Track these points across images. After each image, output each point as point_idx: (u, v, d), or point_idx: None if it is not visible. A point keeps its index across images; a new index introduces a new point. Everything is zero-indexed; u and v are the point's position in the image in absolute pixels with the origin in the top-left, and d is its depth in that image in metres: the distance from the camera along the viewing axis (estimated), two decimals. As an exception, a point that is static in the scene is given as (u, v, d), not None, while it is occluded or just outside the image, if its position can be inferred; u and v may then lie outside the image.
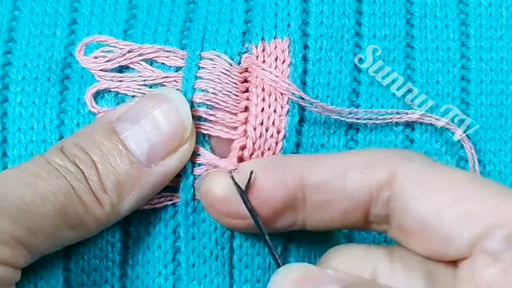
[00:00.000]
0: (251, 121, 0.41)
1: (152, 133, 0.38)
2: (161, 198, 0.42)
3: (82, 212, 0.37)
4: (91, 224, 0.37)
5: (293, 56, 0.42)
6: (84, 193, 0.37)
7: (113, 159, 0.38)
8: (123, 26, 0.43)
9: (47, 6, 0.44)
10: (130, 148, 0.38)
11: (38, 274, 0.41)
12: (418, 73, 0.44)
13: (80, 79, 0.42)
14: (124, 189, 0.38)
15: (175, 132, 0.39)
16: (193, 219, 0.42)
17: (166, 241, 0.42)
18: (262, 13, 0.43)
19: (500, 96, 0.44)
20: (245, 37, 0.43)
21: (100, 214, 0.37)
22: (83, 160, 0.37)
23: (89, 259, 0.42)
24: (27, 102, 0.42)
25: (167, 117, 0.39)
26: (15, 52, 0.43)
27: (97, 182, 0.37)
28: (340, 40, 0.43)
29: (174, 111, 0.39)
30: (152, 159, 0.38)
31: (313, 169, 0.37)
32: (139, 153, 0.38)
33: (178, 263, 0.42)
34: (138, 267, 0.42)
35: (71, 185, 0.36)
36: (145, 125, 0.38)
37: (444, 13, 0.44)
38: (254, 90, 0.41)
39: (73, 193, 0.36)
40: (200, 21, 0.43)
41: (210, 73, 0.41)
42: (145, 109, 0.39)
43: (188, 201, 0.41)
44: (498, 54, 0.44)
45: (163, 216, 0.42)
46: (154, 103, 0.39)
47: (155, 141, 0.38)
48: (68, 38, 0.43)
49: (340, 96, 0.43)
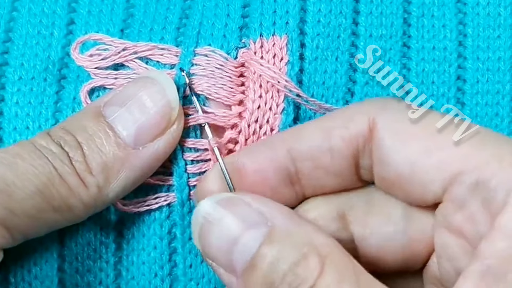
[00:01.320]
0: (246, 117, 0.41)
1: (139, 115, 0.38)
2: (156, 198, 0.41)
3: (66, 194, 0.36)
4: (77, 207, 0.37)
5: (291, 54, 0.42)
6: (68, 174, 0.36)
7: (99, 141, 0.38)
8: (120, 25, 0.43)
9: (45, 6, 0.44)
10: (117, 130, 0.38)
11: (33, 273, 0.41)
12: (414, 73, 0.44)
13: (76, 79, 0.43)
14: (111, 171, 0.37)
15: (162, 114, 0.39)
16: (189, 219, 0.41)
17: (162, 242, 0.42)
18: (260, 8, 0.43)
19: (496, 96, 0.44)
20: (242, 32, 0.43)
21: (86, 197, 0.37)
22: (68, 142, 0.37)
23: (83, 260, 0.41)
24: (23, 102, 0.42)
25: (154, 99, 0.38)
26: (12, 52, 0.43)
27: (82, 163, 0.37)
28: (337, 39, 0.43)
29: (161, 92, 0.39)
30: (140, 141, 0.38)
31: (298, 140, 0.37)
32: (126, 135, 0.38)
33: (174, 264, 0.42)
34: (133, 268, 0.42)
35: (54, 166, 0.36)
36: (132, 107, 0.38)
37: (441, 12, 0.44)
38: (252, 85, 0.41)
39: (56, 174, 0.36)
40: (196, 17, 0.43)
41: (203, 69, 0.41)
42: (131, 92, 0.39)
43: (184, 201, 0.41)
44: (496, 54, 0.44)
45: (158, 216, 0.42)
46: (141, 85, 0.39)
47: (142, 123, 0.38)
48: (65, 38, 0.43)
49: (335, 96, 0.43)
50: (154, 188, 0.42)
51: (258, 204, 0.35)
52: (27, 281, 0.40)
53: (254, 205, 0.35)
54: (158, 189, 0.42)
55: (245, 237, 0.34)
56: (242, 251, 0.33)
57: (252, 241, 0.33)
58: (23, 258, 0.41)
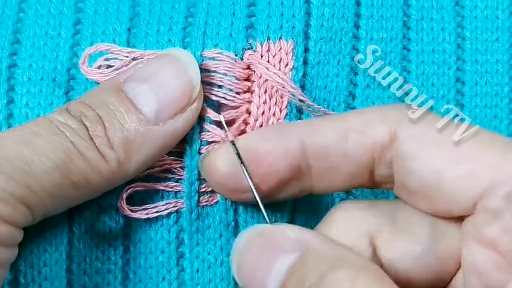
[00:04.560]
0: (251, 123, 0.42)
1: (160, 92, 0.38)
2: (166, 204, 0.42)
3: (85, 168, 0.36)
4: (96, 182, 0.36)
5: (296, 59, 0.42)
6: (86, 149, 0.36)
7: (121, 116, 0.37)
8: (126, 24, 0.43)
9: (51, 7, 0.43)
10: (138, 105, 0.37)
11: (43, 274, 0.41)
12: (414, 75, 0.44)
13: (85, 79, 0.42)
14: (132, 147, 0.37)
15: (184, 91, 0.38)
16: (197, 225, 0.42)
17: (170, 246, 0.42)
18: (267, 10, 0.42)
19: (495, 98, 0.44)
20: (248, 32, 0.42)
21: (105, 171, 0.36)
22: (89, 117, 0.37)
23: (91, 261, 0.42)
24: (33, 103, 0.42)
25: (176, 76, 0.38)
26: (21, 53, 0.42)
27: (103, 138, 0.36)
28: (339, 43, 0.43)
29: (183, 69, 0.38)
30: (161, 118, 0.37)
31: (313, 135, 0.37)
32: (147, 110, 0.37)
33: (182, 268, 0.42)
34: (140, 271, 0.42)
35: (71, 141, 0.36)
36: (153, 84, 0.38)
37: (440, 15, 0.45)
38: (257, 90, 0.42)
39: (74, 149, 0.36)
40: (201, 15, 0.42)
41: (212, 78, 0.41)
42: (153, 68, 0.38)
43: (193, 207, 0.41)
44: (494, 56, 0.44)
45: (166, 221, 0.42)
46: (162, 62, 0.39)
47: (163, 100, 0.38)
48: (73, 38, 0.43)
49: (337, 99, 0.43)
50: (162, 195, 0.42)
51: (293, 233, 0.35)
52: (37, 282, 0.40)
53: (290, 233, 0.35)
54: (166, 196, 0.42)
55: (278, 261, 0.34)
56: (274, 276, 0.34)
57: (285, 264, 0.33)
58: (33, 258, 0.41)
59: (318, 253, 0.34)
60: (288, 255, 0.34)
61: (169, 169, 0.42)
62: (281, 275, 0.33)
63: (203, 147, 0.41)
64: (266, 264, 0.34)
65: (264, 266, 0.34)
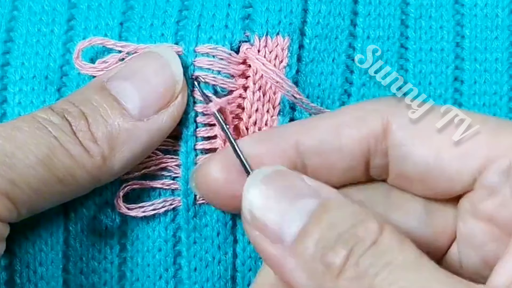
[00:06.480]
0: (244, 119, 0.41)
1: (143, 88, 0.38)
2: (162, 202, 0.42)
3: (70, 163, 0.36)
4: (82, 178, 0.37)
5: (290, 56, 0.42)
6: (69, 143, 0.36)
7: (104, 111, 0.38)
8: (119, 18, 0.43)
9: (44, 4, 0.43)
10: (122, 102, 0.38)
11: (38, 274, 0.41)
12: (411, 74, 0.44)
13: (77, 76, 0.42)
14: (116, 141, 0.37)
15: (166, 87, 0.39)
16: (194, 224, 0.42)
17: (167, 244, 0.42)
18: (266, 3, 0.42)
19: (494, 97, 0.44)
20: (244, 23, 0.42)
21: (90, 166, 0.37)
22: (72, 113, 0.37)
23: (87, 260, 0.42)
24: (25, 102, 0.42)
25: (158, 72, 0.39)
26: (13, 51, 0.42)
27: (86, 132, 0.37)
28: (334, 41, 0.43)
29: (165, 66, 0.39)
30: (144, 113, 0.38)
31: (307, 133, 0.38)
32: (131, 107, 0.38)
33: (179, 267, 0.42)
34: (137, 270, 0.42)
35: (54, 135, 0.36)
36: (136, 81, 0.38)
37: (439, 14, 0.44)
38: (252, 86, 0.41)
39: (57, 144, 0.36)
40: (196, 8, 0.42)
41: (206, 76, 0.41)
42: (135, 66, 0.39)
43: (189, 205, 0.41)
44: (493, 55, 0.44)
45: (163, 219, 0.42)
46: (145, 59, 0.39)
47: (146, 96, 0.38)
48: (66, 34, 0.43)
49: (331, 97, 0.43)
50: (159, 192, 0.42)
51: (310, 181, 0.35)
52: (33, 282, 0.41)
53: (307, 181, 0.35)
54: (162, 194, 0.42)
55: (297, 205, 0.34)
56: (293, 219, 0.33)
57: (305, 209, 0.33)
58: (29, 258, 0.41)
59: (342, 204, 0.34)
60: (309, 200, 0.34)
61: (165, 167, 0.42)
62: (301, 220, 0.33)
63: (198, 143, 0.41)
64: (284, 206, 0.34)
65: (282, 208, 0.34)
